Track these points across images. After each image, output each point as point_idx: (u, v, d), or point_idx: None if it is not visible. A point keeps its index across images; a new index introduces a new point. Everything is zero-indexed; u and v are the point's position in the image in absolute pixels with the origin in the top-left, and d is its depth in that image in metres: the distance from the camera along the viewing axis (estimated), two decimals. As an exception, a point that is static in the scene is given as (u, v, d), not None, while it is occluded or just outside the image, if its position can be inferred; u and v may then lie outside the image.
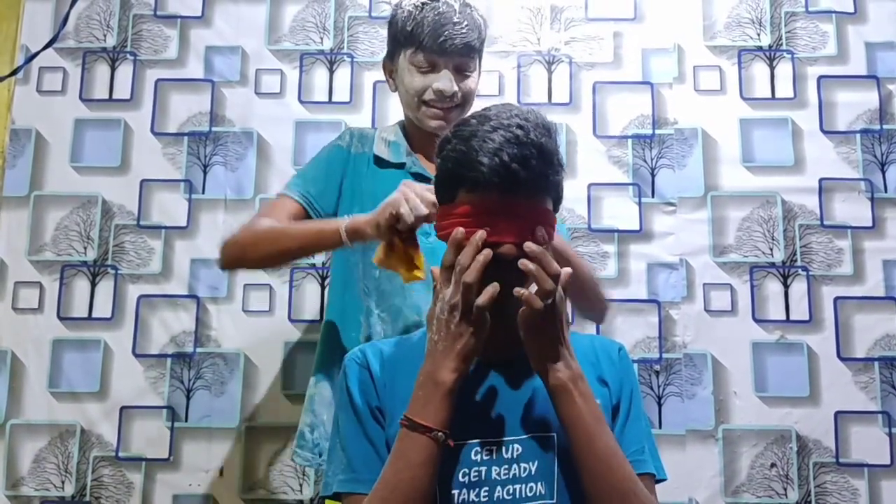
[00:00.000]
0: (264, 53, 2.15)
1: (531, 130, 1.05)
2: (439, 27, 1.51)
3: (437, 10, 1.53)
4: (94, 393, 1.98)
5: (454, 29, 1.52)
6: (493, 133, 1.05)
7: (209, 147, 2.10)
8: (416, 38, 1.53)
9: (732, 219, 2.06)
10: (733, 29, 2.16)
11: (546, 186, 1.08)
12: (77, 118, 2.11)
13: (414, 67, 1.54)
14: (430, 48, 1.52)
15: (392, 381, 1.13)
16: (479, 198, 1.06)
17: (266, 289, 2.03)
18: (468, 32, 1.53)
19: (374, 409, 1.11)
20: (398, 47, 1.58)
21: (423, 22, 1.52)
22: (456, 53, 1.53)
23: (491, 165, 1.03)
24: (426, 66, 1.54)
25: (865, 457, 1.94)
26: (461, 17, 1.53)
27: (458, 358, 1.02)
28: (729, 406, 1.97)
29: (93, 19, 2.16)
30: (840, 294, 2.01)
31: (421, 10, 1.54)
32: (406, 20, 1.55)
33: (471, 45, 1.54)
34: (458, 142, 1.08)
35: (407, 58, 1.55)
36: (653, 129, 2.10)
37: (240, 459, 1.95)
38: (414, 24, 1.53)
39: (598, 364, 1.16)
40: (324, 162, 1.62)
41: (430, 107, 1.56)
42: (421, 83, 1.54)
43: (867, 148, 2.08)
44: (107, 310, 2.02)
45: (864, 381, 1.97)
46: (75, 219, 2.06)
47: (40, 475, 1.95)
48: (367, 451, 1.09)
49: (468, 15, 1.55)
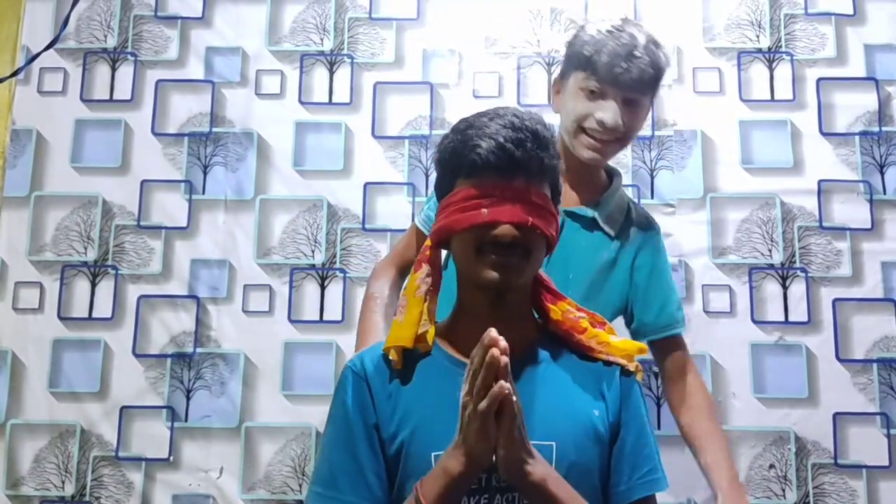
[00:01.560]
0: (264, 54, 2.15)
1: (526, 119, 1.09)
2: (617, 57, 1.44)
3: (620, 39, 1.45)
4: (95, 393, 1.98)
5: (633, 62, 1.44)
6: (489, 122, 1.09)
7: (209, 148, 2.10)
8: (590, 63, 1.46)
9: (731, 220, 2.06)
10: (732, 31, 2.16)
11: (542, 169, 1.09)
12: (78, 119, 2.11)
13: (582, 92, 1.47)
14: (604, 76, 1.45)
15: (397, 391, 1.12)
16: (476, 181, 1.08)
17: (266, 289, 2.03)
18: (646, 69, 1.45)
19: (371, 428, 1.11)
20: (571, 68, 1.51)
21: (603, 49, 1.45)
22: (628, 88, 1.46)
23: (487, 147, 1.06)
24: (594, 93, 1.46)
25: (864, 458, 1.94)
26: (643, 53, 1.45)
27: (467, 457, 0.99)
28: (728, 407, 1.97)
29: (93, 20, 2.17)
30: (839, 295, 2.01)
31: (602, 35, 1.47)
32: (586, 43, 1.47)
33: (645, 82, 1.47)
34: (455, 134, 1.12)
35: (577, 81, 1.48)
36: (652, 130, 2.10)
37: (239, 459, 1.95)
38: (593, 49, 1.46)
39: (600, 379, 1.16)
40: None
41: (588, 136, 1.49)
42: (584, 109, 1.48)
43: (866, 150, 2.09)
44: (107, 310, 2.02)
45: (863, 383, 1.97)
46: (76, 219, 2.07)
47: (40, 475, 1.96)
48: (352, 471, 1.09)
49: (651, 51, 1.46)
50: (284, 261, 2.05)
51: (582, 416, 1.11)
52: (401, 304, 1.18)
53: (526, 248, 1.09)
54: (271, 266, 2.04)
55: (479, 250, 1.09)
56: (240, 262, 2.04)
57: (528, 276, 1.13)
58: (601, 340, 1.17)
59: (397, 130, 2.10)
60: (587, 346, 1.16)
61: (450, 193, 1.12)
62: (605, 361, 1.16)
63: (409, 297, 1.17)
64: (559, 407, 1.10)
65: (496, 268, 1.07)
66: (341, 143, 2.10)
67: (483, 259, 1.08)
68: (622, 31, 1.47)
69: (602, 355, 1.16)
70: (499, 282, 1.08)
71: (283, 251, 2.05)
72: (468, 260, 1.10)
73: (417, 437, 1.08)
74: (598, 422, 1.11)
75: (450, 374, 1.11)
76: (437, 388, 1.11)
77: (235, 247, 2.05)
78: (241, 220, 2.06)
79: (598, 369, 1.15)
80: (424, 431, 1.08)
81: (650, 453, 1.14)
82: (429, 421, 1.08)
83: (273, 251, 2.05)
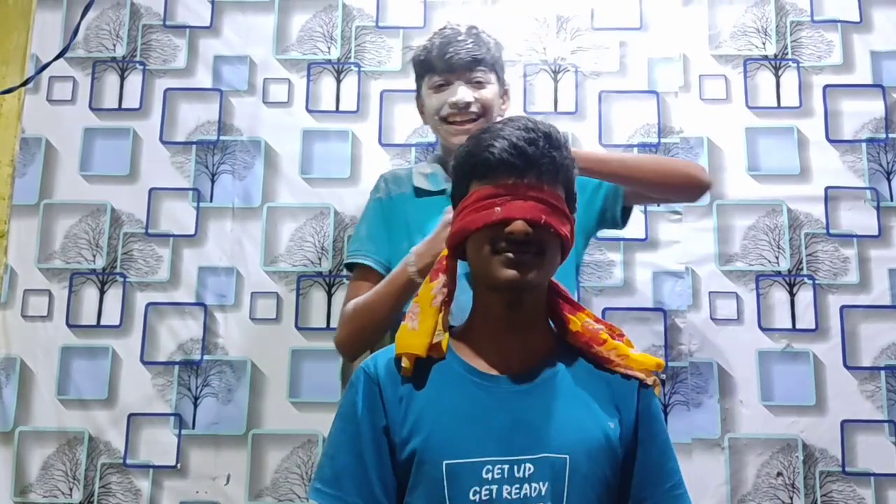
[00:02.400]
0: (272, 63, 2.16)
1: (539, 124, 1.13)
2: (444, 46, 1.63)
3: (443, 34, 1.66)
4: (103, 400, 1.99)
5: (459, 45, 1.62)
6: (503, 127, 1.13)
7: (217, 156, 2.11)
8: (427, 63, 1.65)
9: (738, 227, 2.06)
10: (739, 38, 2.16)
11: (555, 167, 1.11)
12: (86, 127, 2.13)
13: (431, 91, 1.65)
14: (440, 67, 1.63)
15: (409, 396, 1.12)
16: (490, 181, 1.10)
17: (273, 297, 2.04)
18: (473, 47, 1.63)
19: (379, 431, 1.11)
20: (418, 80, 1.71)
21: (432, 47, 1.65)
22: (464, 67, 1.62)
23: (500, 146, 1.09)
24: (439, 85, 1.63)
25: (872, 466, 1.93)
26: (466, 36, 1.64)
27: None
28: (735, 415, 1.96)
29: (102, 29, 2.18)
30: (846, 303, 2.01)
31: (430, 40, 1.68)
32: (419, 53, 1.69)
33: (477, 58, 1.63)
34: (470, 141, 1.17)
35: (425, 85, 1.67)
36: (658, 137, 2.10)
37: (246, 467, 1.96)
38: (425, 52, 1.67)
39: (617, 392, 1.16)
40: (369, 219, 1.73)
41: (450, 123, 1.63)
42: (437, 101, 1.64)
43: (873, 157, 2.08)
44: (115, 317, 2.03)
45: (871, 390, 1.97)
46: (84, 227, 2.08)
47: (48, 482, 1.96)
48: (357, 473, 1.10)
49: (473, 34, 1.65)
50: (292, 268, 2.05)
51: (596, 428, 1.11)
52: (412, 310, 1.18)
53: (539, 246, 1.10)
54: (278, 273, 2.05)
55: (493, 249, 1.09)
56: (247, 270, 2.05)
57: (542, 276, 1.13)
58: (621, 353, 1.17)
59: (404, 138, 2.11)
60: (606, 357, 1.17)
61: (465, 197, 1.13)
62: (622, 374, 1.16)
63: (423, 305, 1.17)
64: (574, 418, 1.11)
65: (511, 265, 1.08)
66: (348, 150, 2.11)
67: (497, 258, 1.09)
68: (444, 28, 1.69)
69: (620, 368, 1.16)
70: (513, 279, 1.08)
71: (291, 259, 2.06)
72: (483, 259, 1.11)
73: (430, 444, 1.08)
74: (613, 435, 1.11)
75: (464, 382, 1.11)
76: (451, 394, 1.11)
77: (243, 254, 2.05)
78: (249, 228, 2.06)
79: (615, 381, 1.16)
80: (437, 439, 1.08)
81: (674, 468, 1.15)
82: (442, 428, 1.09)
83: (280, 259, 2.06)
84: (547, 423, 1.07)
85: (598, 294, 2.02)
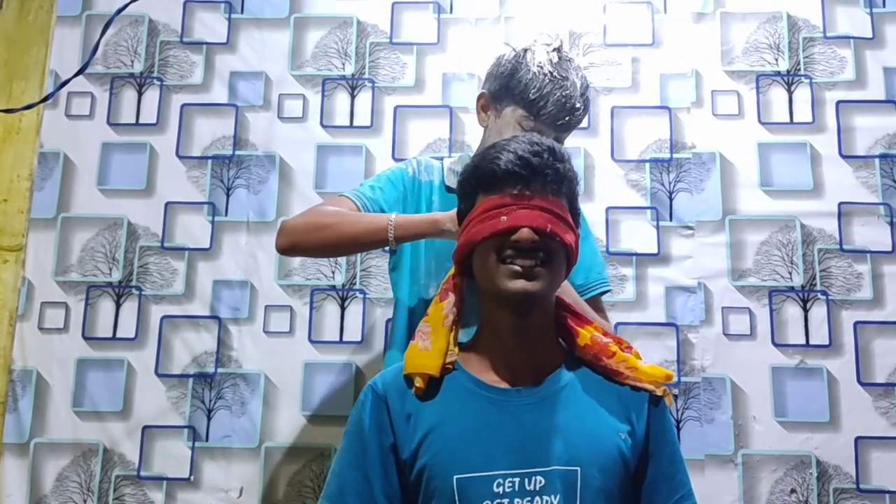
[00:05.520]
0: (287, 78, 2.19)
1: (545, 140, 1.16)
2: (562, 110, 1.52)
3: (564, 89, 1.53)
4: (117, 412, 2.00)
5: (573, 115, 1.55)
6: (509, 142, 1.16)
7: (232, 170, 2.13)
8: (533, 106, 1.52)
9: (751, 243, 2.06)
10: (751, 54, 2.17)
11: (559, 178, 1.13)
12: (104, 142, 2.15)
13: (518, 126, 1.53)
14: (545, 122, 1.53)
15: (417, 412, 1.13)
16: (495, 192, 1.12)
17: (287, 310, 2.05)
18: (581, 118, 1.59)
19: (386, 450, 1.12)
20: (511, 100, 1.56)
21: (549, 99, 1.51)
22: (563, 132, 1.58)
23: (506, 158, 1.12)
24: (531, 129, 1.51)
25: (886, 483, 1.92)
26: (581, 103, 1.56)
27: None
28: (748, 431, 1.96)
29: (120, 45, 2.21)
30: (860, 318, 2.00)
31: (548, 83, 1.52)
32: (530, 84, 1.53)
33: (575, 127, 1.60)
34: (477, 157, 1.19)
35: (516, 116, 1.54)
36: (671, 153, 2.11)
37: (259, 479, 1.96)
38: (538, 95, 1.52)
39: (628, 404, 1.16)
40: (387, 178, 1.63)
41: None
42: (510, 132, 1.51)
43: (886, 172, 2.08)
44: (130, 330, 2.05)
45: (885, 407, 1.95)
46: (101, 240, 2.10)
47: (63, 494, 1.98)
48: (362, 491, 1.10)
49: (586, 101, 1.58)
50: (305, 282, 2.07)
51: (607, 441, 1.11)
52: (423, 330, 1.19)
53: (546, 254, 1.11)
54: (292, 287, 2.06)
55: (499, 258, 1.10)
56: (261, 283, 2.06)
57: (549, 286, 1.13)
58: (630, 365, 1.17)
59: (417, 153, 2.12)
60: (615, 370, 1.17)
61: (472, 210, 1.15)
62: (632, 387, 1.16)
63: (434, 325, 1.18)
64: (585, 431, 1.11)
65: (518, 276, 1.09)
66: (362, 165, 2.12)
67: (504, 268, 1.10)
68: (565, 78, 1.54)
69: (630, 381, 1.16)
70: (521, 290, 1.09)
71: (304, 272, 2.07)
72: (489, 269, 1.12)
73: (440, 459, 1.08)
74: (625, 447, 1.11)
75: (473, 396, 1.12)
76: (460, 409, 1.11)
77: (257, 268, 2.07)
78: (263, 242, 2.08)
79: (625, 394, 1.16)
80: (447, 453, 1.08)
81: (684, 479, 1.15)
82: (452, 443, 1.09)
83: (294, 272, 2.07)
84: (557, 435, 1.08)
85: (610, 309, 2.01)
